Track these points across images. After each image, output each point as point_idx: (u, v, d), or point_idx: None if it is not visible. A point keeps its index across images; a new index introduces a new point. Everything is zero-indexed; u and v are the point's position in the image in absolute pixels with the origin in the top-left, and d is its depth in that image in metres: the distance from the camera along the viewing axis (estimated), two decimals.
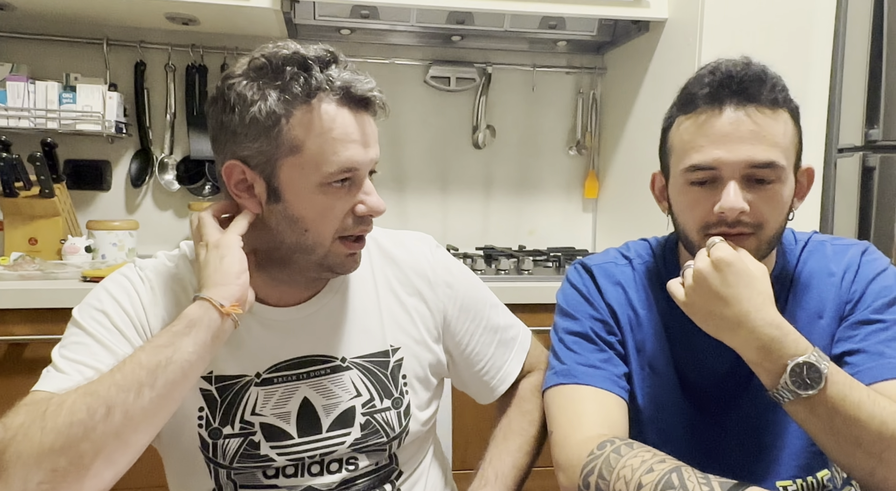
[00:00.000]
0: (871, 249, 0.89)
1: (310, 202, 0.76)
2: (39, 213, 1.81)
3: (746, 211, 0.77)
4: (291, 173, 0.75)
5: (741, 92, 0.77)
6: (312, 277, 0.84)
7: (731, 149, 0.77)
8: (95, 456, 0.63)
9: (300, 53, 0.73)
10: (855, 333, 0.82)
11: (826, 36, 1.69)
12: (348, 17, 1.95)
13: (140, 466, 0.71)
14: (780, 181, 0.78)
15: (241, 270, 0.75)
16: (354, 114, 0.75)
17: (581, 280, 0.94)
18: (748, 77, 0.78)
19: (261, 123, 0.73)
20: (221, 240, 0.76)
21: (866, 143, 1.67)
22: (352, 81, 0.74)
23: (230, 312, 0.72)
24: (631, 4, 1.83)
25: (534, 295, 1.64)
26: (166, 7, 1.78)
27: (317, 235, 0.78)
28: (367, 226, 0.81)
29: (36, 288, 1.47)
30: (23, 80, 1.79)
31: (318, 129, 0.73)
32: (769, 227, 0.79)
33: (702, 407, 0.89)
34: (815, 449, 0.86)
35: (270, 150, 0.74)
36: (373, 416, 0.86)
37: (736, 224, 0.78)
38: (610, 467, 0.72)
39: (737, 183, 0.77)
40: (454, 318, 0.92)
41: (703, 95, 0.79)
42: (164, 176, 2.08)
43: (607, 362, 0.88)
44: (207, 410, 0.81)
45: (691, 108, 0.80)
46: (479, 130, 2.24)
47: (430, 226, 2.25)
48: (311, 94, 0.73)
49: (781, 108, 0.79)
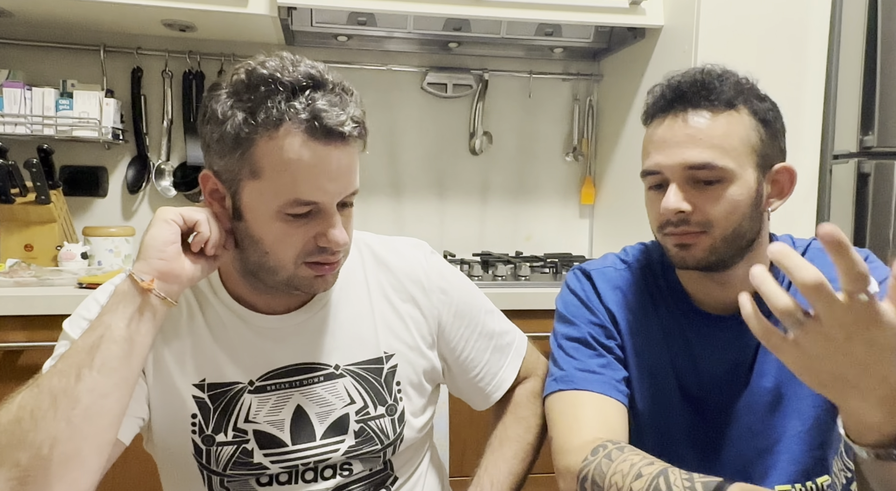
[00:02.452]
0: (872, 257, 0.89)
1: (268, 227, 0.74)
2: (35, 219, 1.81)
3: (686, 211, 0.81)
4: (251, 196, 0.74)
5: (678, 99, 0.83)
6: (284, 293, 0.82)
7: (668, 153, 0.82)
8: (53, 446, 0.64)
9: (275, 76, 0.70)
10: None
11: (821, 42, 1.70)
12: (345, 24, 1.95)
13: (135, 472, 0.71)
14: (723, 181, 0.81)
15: (164, 242, 0.72)
16: (324, 146, 0.71)
17: (580, 285, 0.95)
18: (687, 83, 0.83)
19: (227, 143, 0.72)
20: (160, 209, 0.75)
21: (861, 150, 1.67)
22: (321, 113, 0.69)
23: (147, 287, 0.70)
24: (627, 12, 1.84)
25: (531, 301, 1.64)
26: (163, 13, 1.79)
27: (276, 259, 0.76)
28: (330, 255, 0.77)
29: (31, 295, 1.47)
30: (19, 86, 1.80)
31: (278, 159, 0.70)
32: (720, 227, 0.81)
33: (701, 411, 0.89)
34: (817, 454, 0.86)
35: (235, 169, 0.73)
36: (367, 423, 0.85)
37: (681, 224, 0.82)
38: (602, 474, 0.72)
39: (678, 185, 0.81)
40: (448, 324, 0.92)
41: (651, 108, 0.86)
42: (161, 182, 2.08)
43: (606, 367, 0.88)
44: (200, 417, 0.81)
45: (647, 122, 0.87)
46: (475, 137, 2.24)
47: (426, 232, 2.25)
48: (278, 123, 0.70)
49: (730, 110, 0.81)
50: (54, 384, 0.66)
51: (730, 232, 0.82)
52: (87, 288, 1.53)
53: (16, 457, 0.63)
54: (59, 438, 0.64)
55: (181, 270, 0.73)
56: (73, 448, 0.65)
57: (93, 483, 0.68)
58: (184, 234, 0.75)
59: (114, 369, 0.68)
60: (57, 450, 0.64)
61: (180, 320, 0.82)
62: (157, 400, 0.81)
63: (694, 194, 0.81)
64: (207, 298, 0.83)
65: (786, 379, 0.86)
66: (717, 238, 0.82)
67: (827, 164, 1.74)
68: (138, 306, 0.71)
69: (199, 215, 0.75)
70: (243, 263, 0.80)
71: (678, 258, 0.84)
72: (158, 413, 0.81)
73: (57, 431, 0.64)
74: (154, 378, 0.81)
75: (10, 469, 0.63)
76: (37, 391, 0.66)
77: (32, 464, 0.63)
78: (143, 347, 0.71)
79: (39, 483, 0.64)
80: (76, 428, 0.65)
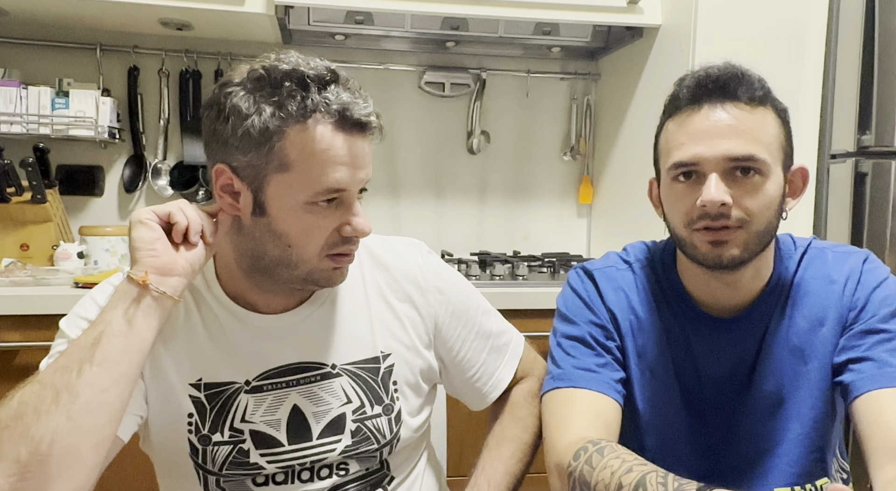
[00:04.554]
0: (872, 257, 0.89)
1: (295, 219, 0.75)
2: (31, 218, 1.80)
3: (728, 204, 0.78)
4: (279, 190, 0.74)
5: (718, 90, 0.80)
6: (297, 289, 0.83)
7: (709, 144, 0.79)
8: (53, 442, 0.64)
9: (300, 70, 0.72)
10: (860, 342, 0.82)
11: (818, 42, 1.70)
12: (342, 23, 1.95)
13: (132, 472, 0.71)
14: (762, 175, 0.79)
15: (149, 241, 0.73)
16: (349, 136, 0.74)
17: (582, 285, 0.94)
18: (725, 75, 0.80)
19: (253, 138, 0.72)
20: (133, 214, 0.75)
21: (859, 149, 1.67)
22: (349, 104, 0.73)
23: (143, 281, 0.71)
24: (625, 11, 1.84)
25: (528, 300, 1.63)
26: (160, 12, 1.78)
27: (300, 252, 0.77)
28: (352, 245, 0.79)
29: (27, 294, 1.46)
30: (15, 85, 1.79)
31: (310, 150, 0.72)
32: (756, 222, 0.80)
33: (702, 413, 0.89)
34: (815, 456, 0.86)
35: (260, 164, 0.73)
36: (363, 422, 0.85)
37: (719, 217, 0.79)
38: (586, 482, 0.72)
39: (718, 177, 0.78)
40: (445, 324, 0.91)
41: (684, 97, 0.82)
42: (158, 181, 2.07)
43: (604, 367, 0.88)
44: (197, 416, 0.81)
45: (675, 111, 0.83)
46: (473, 136, 2.24)
47: (424, 231, 2.25)
48: (307, 115, 0.72)
49: (762, 106, 0.80)
50: (56, 380, 0.66)
51: (763, 228, 0.81)
52: (83, 287, 1.52)
53: (16, 452, 0.63)
54: (60, 432, 0.64)
55: (175, 262, 0.74)
56: (72, 443, 0.65)
57: (91, 480, 0.68)
58: (166, 229, 0.75)
59: (114, 364, 0.68)
60: (56, 445, 0.64)
61: (177, 319, 0.82)
62: (154, 399, 0.81)
63: (732, 187, 0.79)
64: (203, 296, 0.83)
65: (786, 382, 0.86)
66: (752, 233, 0.80)
67: (824, 164, 1.74)
68: (138, 303, 0.71)
69: (170, 207, 0.75)
70: (254, 260, 0.79)
71: (711, 256, 0.81)
72: (155, 412, 0.81)
73: (57, 425, 0.64)
74: (151, 377, 0.80)
75: (9, 465, 0.63)
76: (38, 387, 0.66)
77: (32, 460, 0.63)
78: (144, 342, 0.71)
79: (38, 479, 0.64)
80: (76, 423, 0.65)
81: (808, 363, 0.85)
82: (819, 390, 0.85)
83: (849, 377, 0.81)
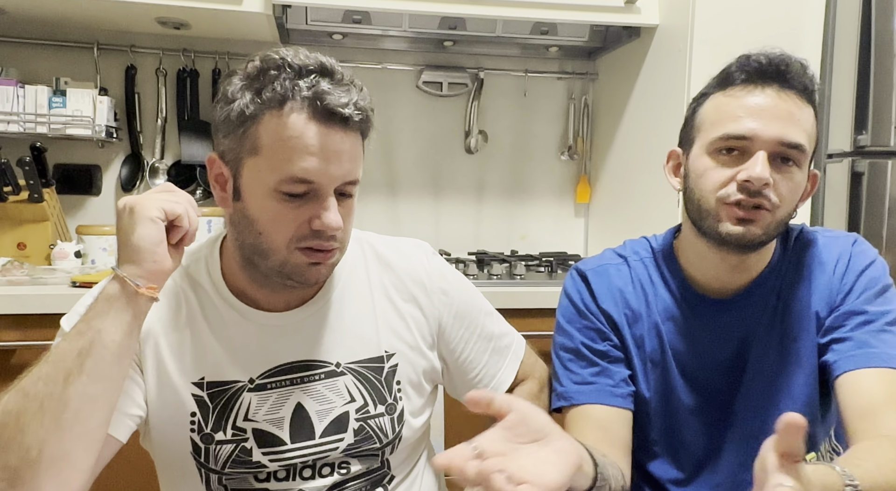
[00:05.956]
0: (861, 240, 0.92)
1: (263, 205, 0.75)
2: (28, 217, 1.79)
3: (770, 184, 0.79)
4: (251, 174, 0.75)
5: (780, 76, 0.82)
6: (283, 284, 0.80)
7: (766, 123, 0.80)
8: (41, 449, 0.64)
9: (286, 60, 0.73)
10: (844, 323, 0.85)
11: (815, 42, 1.71)
12: (340, 22, 1.95)
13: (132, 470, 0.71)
14: (798, 167, 0.82)
15: (155, 243, 0.70)
16: (323, 127, 0.73)
17: (575, 288, 0.96)
18: (786, 63, 0.82)
19: (232, 122, 0.74)
20: (137, 203, 0.71)
21: (855, 149, 1.68)
22: (324, 94, 0.72)
23: (146, 293, 0.70)
24: (622, 11, 1.84)
25: (526, 300, 1.64)
26: (158, 11, 1.77)
27: (269, 240, 0.76)
28: (323, 240, 0.76)
29: (24, 293, 1.46)
30: (12, 84, 1.78)
31: (279, 136, 0.72)
32: (784, 209, 0.82)
33: (704, 393, 0.91)
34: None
35: (237, 148, 0.75)
36: (366, 422, 0.85)
37: (756, 195, 0.80)
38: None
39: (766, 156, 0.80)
40: (449, 325, 0.92)
41: (744, 75, 0.83)
42: (155, 181, 2.06)
43: (600, 375, 0.91)
44: (200, 415, 0.81)
45: (728, 85, 0.84)
46: (471, 135, 2.24)
47: (422, 231, 2.25)
48: (284, 101, 0.72)
49: (811, 104, 0.83)
50: (40, 389, 0.65)
51: (786, 216, 0.83)
52: (80, 287, 1.52)
53: (4, 460, 0.63)
54: (48, 440, 0.64)
55: (169, 268, 0.73)
56: (62, 450, 0.65)
57: (86, 480, 0.68)
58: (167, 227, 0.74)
59: (104, 375, 0.68)
60: (46, 452, 0.64)
61: (179, 317, 0.82)
62: (156, 398, 0.80)
63: (773, 170, 0.80)
64: (208, 293, 0.83)
65: (782, 359, 0.89)
66: (777, 218, 0.82)
67: (821, 164, 1.75)
68: (131, 311, 0.70)
69: (180, 208, 0.73)
70: (241, 250, 0.80)
71: (735, 232, 0.81)
72: (157, 411, 0.81)
73: (45, 434, 0.64)
74: (153, 376, 0.80)
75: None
76: (22, 396, 0.65)
77: (21, 466, 0.63)
78: (133, 347, 0.72)
79: (28, 483, 0.64)
80: (65, 431, 0.65)
81: (799, 343, 0.88)
82: (810, 369, 0.88)
83: (831, 357, 0.84)
